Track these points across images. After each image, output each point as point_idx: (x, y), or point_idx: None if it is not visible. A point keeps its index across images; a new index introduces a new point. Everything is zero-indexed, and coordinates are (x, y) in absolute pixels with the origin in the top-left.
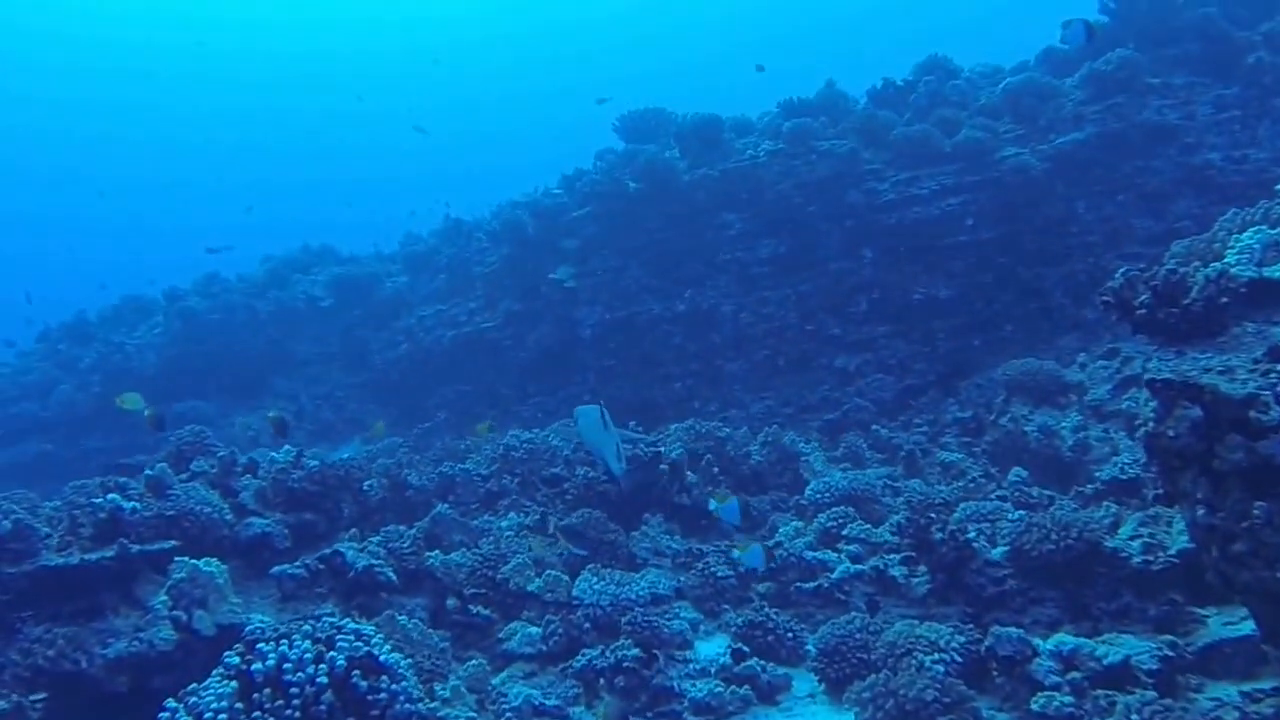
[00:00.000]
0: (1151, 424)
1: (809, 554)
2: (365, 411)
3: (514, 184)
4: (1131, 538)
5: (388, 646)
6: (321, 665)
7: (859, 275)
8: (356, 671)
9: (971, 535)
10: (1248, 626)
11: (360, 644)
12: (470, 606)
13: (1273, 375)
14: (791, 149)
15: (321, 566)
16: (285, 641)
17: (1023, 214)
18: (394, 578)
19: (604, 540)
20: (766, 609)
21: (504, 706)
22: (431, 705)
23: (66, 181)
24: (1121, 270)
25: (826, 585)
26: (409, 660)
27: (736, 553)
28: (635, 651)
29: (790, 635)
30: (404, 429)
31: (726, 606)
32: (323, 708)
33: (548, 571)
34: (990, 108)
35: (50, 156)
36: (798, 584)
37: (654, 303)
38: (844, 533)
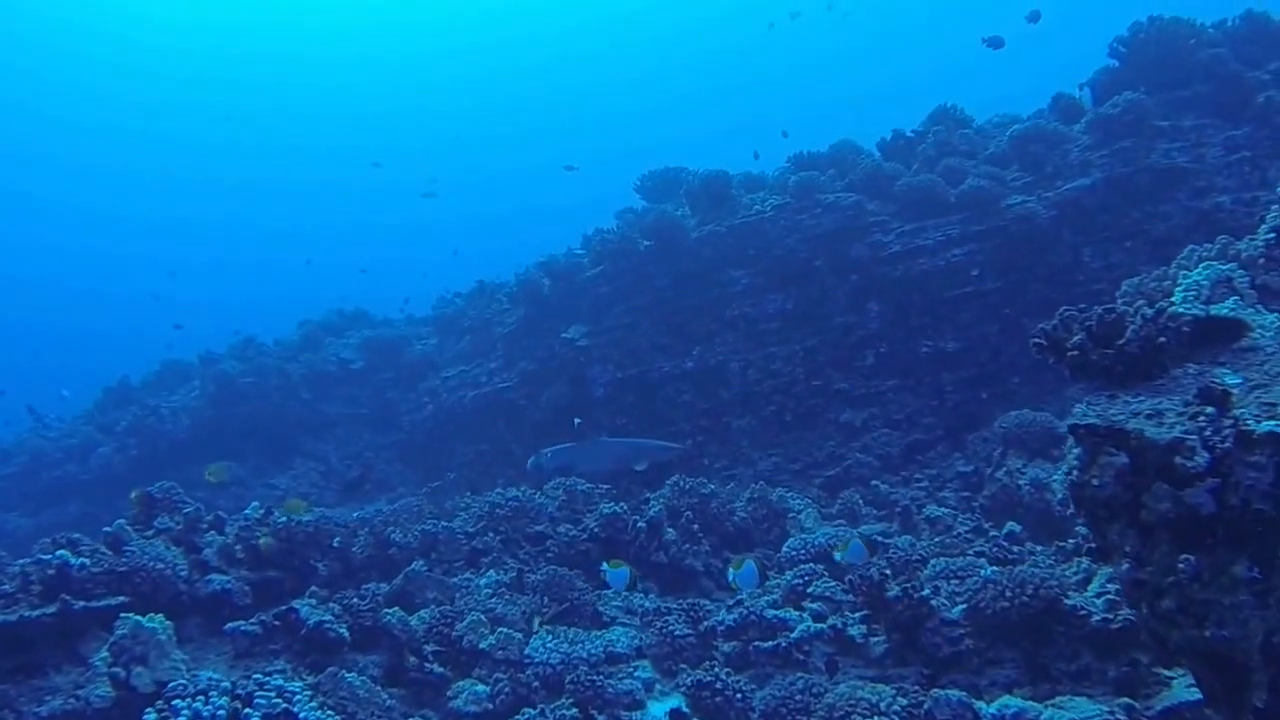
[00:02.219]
0: (1076, 473)
1: (770, 612)
2: (393, 471)
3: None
4: (1098, 594)
5: (314, 704)
6: None
7: (865, 329)
8: None
9: (927, 593)
10: None
11: (280, 701)
12: (425, 664)
13: (1201, 419)
14: (798, 203)
15: (277, 623)
16: (201, 698)
17: (1028, 263)
18: (345, 634)
19: (568, 598)
20: (716, 669)
21: None
22: None
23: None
24: (1060, 310)
25: (784, 645)
26: (340, 718)
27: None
28: (574, 712)
29: (740, 696)
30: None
31: (684, 666)
32: None
33: (500, 629)
34: (998, 156)
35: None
36: (756, 643)
37: (664, 360)
38: (809, 590)
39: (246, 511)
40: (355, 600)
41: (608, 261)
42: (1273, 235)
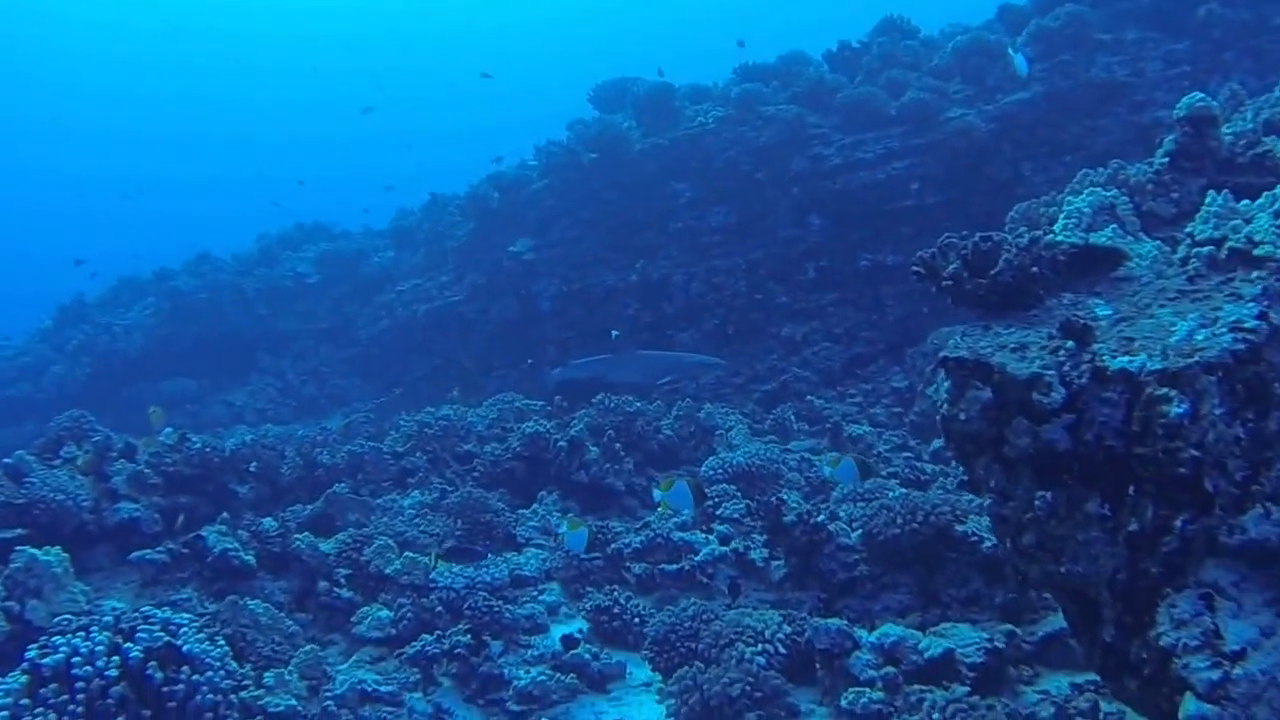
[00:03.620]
0: (945, 406)
1: (677, 535)
2: (350, 386)
3: None
4: None
5: (201, 636)
6: (114, 658)
7: (806, 242)
8: (153, 663)
9: (823, 519)
10: None
11: (162, 634)
12: (335, 589)
13: (1061, 353)
14: (740, 115)
15: (185, 551)
16: (81, 633)
17: (968, 177)
18: (251, 561)
19: (481, 521)
20: (616, 594)
21: (329, 693)
22: (255, 693)
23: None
24: (942, 236)
25: (688, 568)
26: (222, 650)
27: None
28: (467, 638)
29: (637, 621)
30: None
31: (591, 589)
32: (110, 701)
33: (406, 554)
34: (941, 68)
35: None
36: (661, 565)
37: (608, 274)
38: (718, 513)
39: (160, 437)
40: (266, 526)
41: (554, 175)
42: (1166, 159)
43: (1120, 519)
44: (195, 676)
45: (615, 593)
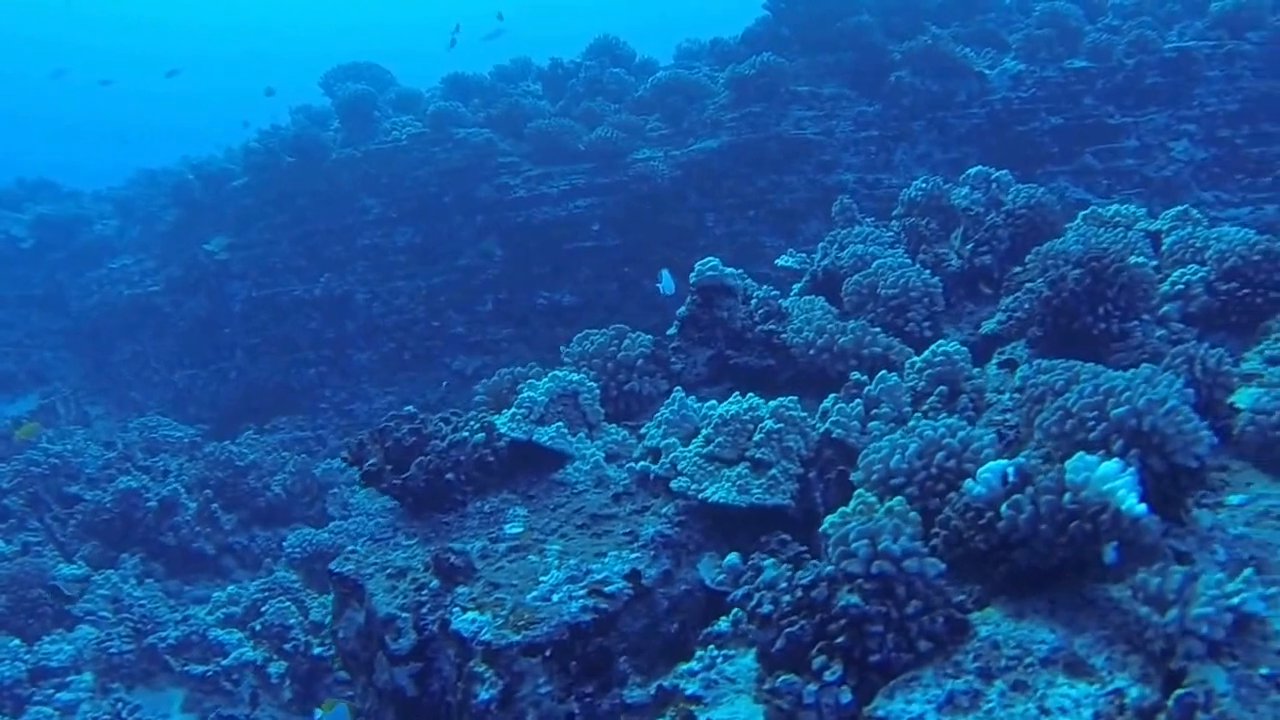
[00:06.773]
0: (330, 616)
1: (214, 633)
2: (58, 360)
3: None
4: None
5: None
6: None
7: (486, 273)
8: None
9: (319, 650)
10: None
11: None
12: None
13: (425, 592)
14: (434, 134)
15: None
16: None
17: (650, 222)
18: None
19: (29, 598)
20: (119, 705)
21: None
22: None
23: None
24: (388, 417)
25: (213, 672)
26: None
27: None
28: None
29: None
30: (94, 381)
31: (117, 684)
32: None
33: None
34: (644, 102)
35: None
36: (189, 666)
37: (297, 284)
38: (263, 610)
39: None
40: None
41: (254, 173)
42: (678, 325)
43: None
44: None
45: (119, 704)
